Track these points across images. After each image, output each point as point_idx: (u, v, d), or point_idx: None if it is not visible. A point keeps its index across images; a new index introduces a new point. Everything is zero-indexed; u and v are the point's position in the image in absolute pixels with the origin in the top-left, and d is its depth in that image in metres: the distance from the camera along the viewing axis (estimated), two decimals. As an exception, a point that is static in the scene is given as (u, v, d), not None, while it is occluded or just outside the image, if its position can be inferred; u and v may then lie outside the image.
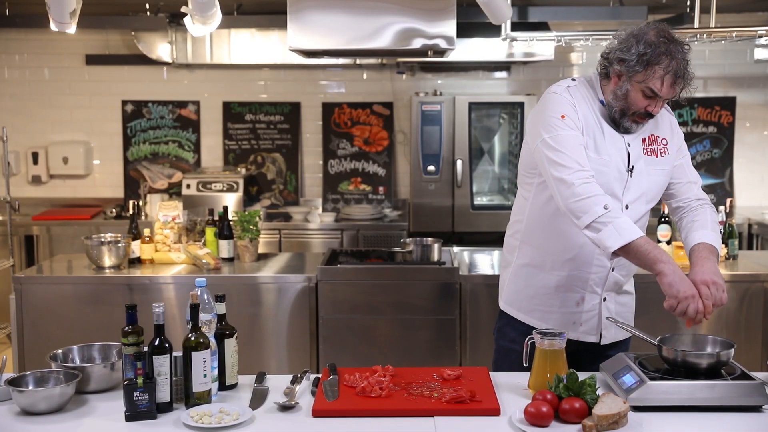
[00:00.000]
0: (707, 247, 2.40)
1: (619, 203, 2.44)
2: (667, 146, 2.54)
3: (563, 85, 2.50)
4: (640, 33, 2.37)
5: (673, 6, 5.53)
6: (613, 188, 2.43)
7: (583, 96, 2.48)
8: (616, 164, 2.44)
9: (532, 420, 1.97)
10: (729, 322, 3.79)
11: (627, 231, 2.24)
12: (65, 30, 3.31)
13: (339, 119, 6.29)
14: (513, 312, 2.61)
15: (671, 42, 2.34)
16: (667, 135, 2.56)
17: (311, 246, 5.63)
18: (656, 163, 2.51)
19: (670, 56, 2.32)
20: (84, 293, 3.82)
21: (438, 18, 3.76)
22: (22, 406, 2.09)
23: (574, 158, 2.34)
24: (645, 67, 2.34)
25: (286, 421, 2.06)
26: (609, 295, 2.54)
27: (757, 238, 5.63)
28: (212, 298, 2.26)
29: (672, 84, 2.35)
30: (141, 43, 5.93)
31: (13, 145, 6.12)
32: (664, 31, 2.37)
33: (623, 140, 2.47)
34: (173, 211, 4.08)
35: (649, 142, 2.52)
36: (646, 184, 2.50)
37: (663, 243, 4.05)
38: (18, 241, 5.72)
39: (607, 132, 2.46)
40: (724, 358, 2.15)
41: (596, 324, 2.54)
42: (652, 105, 2.39)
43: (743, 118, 6.24)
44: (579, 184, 2.30)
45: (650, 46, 2.33)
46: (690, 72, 2.36)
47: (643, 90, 2.37)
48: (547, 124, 2.40)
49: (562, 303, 2.53)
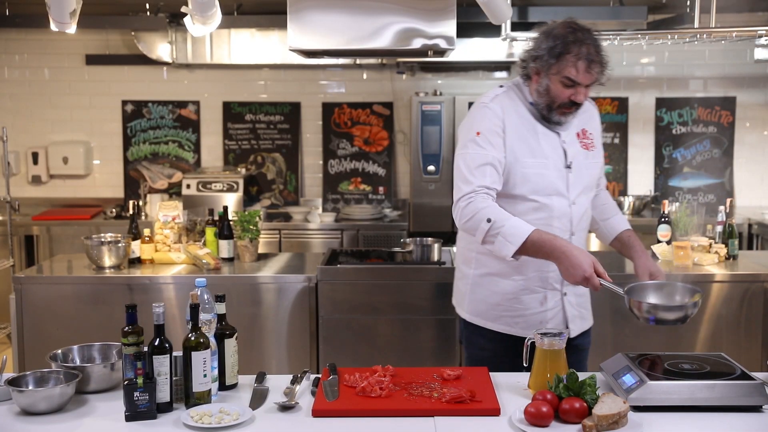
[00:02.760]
0: (632, 234, 2.74)
1: (566, 200, 2.54)
2: (594, 141, 2.67)
3: (490, 95, 2.59)
4: (548, 29, 2.50)
5: (673, 6, 5.53)
6: (557, 187, 2.53)
7: (511, 102, 2.57)
8: (554, 163, 2.53)
9: (532, 420, 1.97)
10: (729, 322, 3.79)
11: (514, 236, 2.33)
12: (65, 30, 3.31)
13: (339, 119, 6.29)
14: (480, 322, 2.64)
15: (579, 30, 2.46)
16: (594, 129, 2.70)
17: (311, 246, 5.63)
18: (591, 156, 2.64)
19: (580, 43, 2.43)
20: (84, 293, 3.82)
21: (438, 18, 3.76)
22: (22, 406, 2.09)
23: (471, 178, 2.44)
24: (557, 58, 2.44)
25: (286, 421, 2.06)
26: (568, 290, 2.61)
27: (757, 238, 5.63)
28: (212, 298, 2.26)
29: (586, 69, 2.44)
30: (141, 43, 5.93)
31: (13, 145, 6.13)
32: (570, 23, 2.49)
33: (558, 138, 2.57)
34: (173, 211, 4.08)
35: (582, 137, 2.64)
36: (586, 178, 2.61)
37: (663, 243, 4.05)
38: (18, 241, 5.72)
39: (541, 132, 2.55)
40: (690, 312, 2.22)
41: (562, 319, 2.61)
42: (574, 93, 2.48)
43: (743, 118, 6.24)
44: (465, 205, 2.41)
45: (558, 38, 2.45)
46: (604, 55, 2.46)
47: (561, 81, 2.46)
48: (463, 142, 2.53)
49: (527, 305, 2.58)
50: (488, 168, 2.46)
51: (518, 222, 2.36)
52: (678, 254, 3.83)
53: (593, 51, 2.43)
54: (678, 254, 3.83)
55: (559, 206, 2.53)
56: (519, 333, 2.58)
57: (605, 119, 6.23)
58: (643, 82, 6.25)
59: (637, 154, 6.28)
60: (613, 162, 6.25)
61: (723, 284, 3.77)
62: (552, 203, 2.52)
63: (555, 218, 2.52)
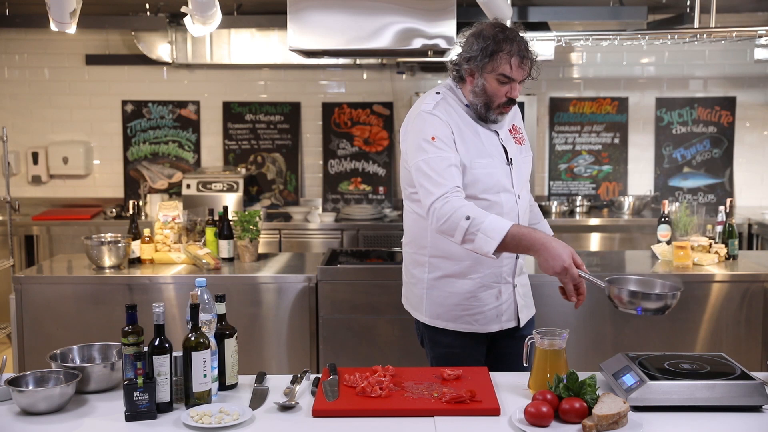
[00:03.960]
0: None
1: (512, 195, 2.61)
2: (523, 134, 2.76)
3: (431, 102, 2.60)
4: (476, 31, 2.55)
5: (673, 6, 5.53)
6: (504, 184, 2.60)
7: (451, 105, 2.61)
8: (498, 161, 2.60)
9: (532, 420, 1.97)
10: (729, 322, 3.79)
11: (495, 231, 2.33)
12: (65, 30, 3.32)
13: (339, 119, 6.29)
14: (441, 324, 2.66)
15: (507, 29, 2.53)
16: (520, 124, 2.78)
17: (311, 246, 5.63)
18: (523, 150, 2.73)
19: (510, 41, 2.49)
20: (84, 293, 3.82)
21: (438, 18, 3.76)
22: (22, 406, 2.09)
23: (440, 180, 2.44)
24: (491, 56, 2.50)
25: (286, 421, 2.06)
26: (518, 280, 2.69)
27: (757, 238, 5.63)
28: (212, 298, 2.26)
29: (519, 64, 2.51)
30: (141, 43, 5.93)
31: (13, 145, 6.13)
32: (496, 23, 2.56)
33: (497, 136, 2.64)
34: (173, 211, 4.08)
35: (514, 132, 2.71)
36: (524, 172, 2.71)
37: (663, 243, 4.05)
38: (18, 241, 5.72)
39: (482, 133, 2.61)
40: (670, 301, 2.22)
41: (513, 310, 2.67)
42: (510, 90, 2.54)
43: (743, 118, 6.24)
44: (440, 206, 2.40)
45: (489, 38, 2.50)
46: (533, 51, 2.54)
47: (497, 78, 2.52)
48: (419, 147, 2.52)
49: (485, 302, 2.63)
50: (453, 169, 2.47)
51: (496, 218, 2.36)
52: (678, 254, 3.83)
53: (524, 48, 2.51)
54: (678, 254, 3.83)
55: (507, 202, 2.59)
56: (479, 330, 2.64)
57: (605, 119, 6.24)
58: (643, 82, 6.25)
59: (637, 154, 6.28)
60: (613, 162, 6.25)
61: (723, 284, 3.77)
62: (501, 200, 2.58)
63: (505, 214, 2.56)
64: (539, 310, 2.90)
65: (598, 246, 5.63)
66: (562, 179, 6.29)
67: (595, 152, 6.26)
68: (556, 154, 6.28)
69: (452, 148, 2.51)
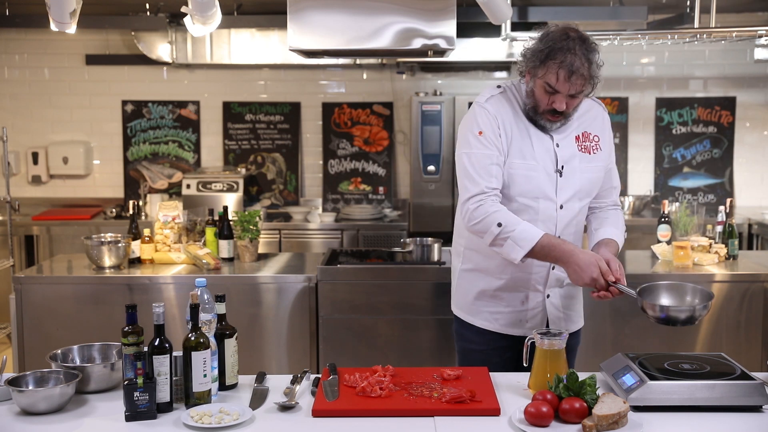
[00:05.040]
0: (612, 241, 2.58)
1: (553, 203, 2.52)
2: (599, 143, 2.62)
3: (486, 95, 2.58)
4: (547, 31, 2.46)
5: (673, 6, 5.53)
6: (545, 190, 2.52)
7: (506, 102, 2.55)
8: (544, 166, 2.51)
9: (532, 420, 1.97)
10: (729, 322, 3.79)
11: (525, 240, 2.36)
12: (65, 30, 3.31)
13: (339, 119, 6.29)
14: (462, 315, 2.68)
15: (572, 39, 2.40)
16: (599, 132, 2.63)
17: (311, 246, 5.63)
18: (590, 160, 2.59)
19: (566, 51, 2.38)
20: (84, 293, 3.82)
21: (438, 18, 3.76)
22: (22, 406, 2.09)
23: (478, 179, 2.45)
24: (542, 61, 2.41)
25: (286, 421, 2.06)
26: (552, 292, 2.61)
27: (757, 238, 5.63)
28: (212, 298, 2.26)
29: (567, 78, 2.39)
30: (141, 43, 5.93)
31: (13, 145, 6.13)
32: (569, 29, 2.44)
33: (551, 141, 2.54)
34: (173, 211, 4.08)
35: (582, 139, 2.58)
36: (579, 183, 2.56)
37: (663, 243, 4.05)
38: (18, 241, 5.72)
39: (534, 135, 2.53)
40: (698, 314, 2.25)
41: (541, 320, 2.62)
42: (554, 101, 2.44)
43: (743, 118, 6.24)
44: (474, 207, 2.42)
45: (550, 42, 2.41)
46: (594, 69, 2.41)
47: (543, 86, 2.44)
48: (466, 140, 2.52)
49: (507, 303, 2.61)
50: (494, 168, 2.47)
51: (528, 226, 2.39)
52: (678, 254, 3.83)
53: (579, 62, 2.38)
54: (678, 254, 3.83)
55: (545, 209, 2.52)
56: (499, 330, 2.62)
57: (605, 119, 6.22)
58: (643, 82, 6.25)
59: (637, 154, 6.28)
60: (613, 162, 6.24)
61: (723, 284, 3.77)
62: (538, 206, 2.52)
63: (539, 221, 2.51)
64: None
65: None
66: (562, 179, 6.28)
67: (595, 152, 6.25)
68: (556, 154, 6.27)
69: (498, 146, 2.48)
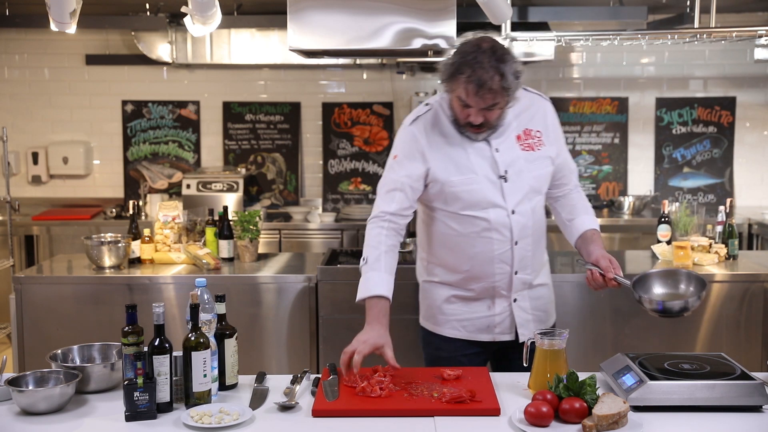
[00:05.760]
0: (594, 233, 2.62)
1: (503, 210, 2.48)
2: (543, 137, 2.55)
3: (412, 116, 2.55)
4: (462, 43, 2.39)
5: (673, 6, 5.53)
6: (491, 199, 2.47)
7: (437, 119, 2.50)
8: (485, 176, 2.47)
9: (532, 420, 1.97)
10: (729, 322, 3.79)
11: (361, 290, 2.40)
12: (65, 30, 3.31)
13: (339, 119, 6.29)
14: (429, 326, 2.67)
15: (482, 51, 2.30)
16: (541, 126, 2.57)
17: (311, 246, 5.63)
18: (535, 157, 2.53)
19: (474, 65, 2.29)
20: (84, 293, 3.81)
21: (438, 18, 3.76)
22: (22, 406, 2.09)
23: (380, 202, 2.50)
24: (452, 75, 2.35)
25: (286, 421, 2.06)
26: (519, 295, 2.58)
27: (757, 238, 5.63)
28: (212, 298, 2.26)
29: (476, 93, 2.31)
30: (141, 43, 5.93)
31: (13, 145, 6.13)
32: (483, 40, 2.36)
33: (490, 148, 2.48)
34: (173, 211, 4.08)
35: (524, 138, 2.53)
36: (527, 184, 2.51)
37: (663, 243, 4.05)
38: (18, 241, 5.72)
39: (470, 146, 2.48)
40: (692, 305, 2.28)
41: (509, 324, 2.59)
42: (469, 114, 2.38)
43: (743, 118, 6.24)
44: (368, 228, 2.48)
45: (459, 55, 2.34)
46: (508, 80, 2.30)
47: (456, 100, 2.39)
48: (387, 162, 2.56)
49: (473, 311, 2.59)
50: (397, 194, 2.46)
51: (374, 278, 2.39)
52: (678, 254, 3.83)
53: (487, 76, 2.28)
54: (678, 254, 3.83)
55: (496, 217, 2.48)
56: (467, 337, 2.60)
57: (605, 119, 6.24)
58: (643, 82, 6.25)
59: (637, 154, 6.28)
60: (613, 162, 6.25)
61: (723, 284, 3.76)
62: (488, 215, 2.47)
63: (494, 230, 2.48)
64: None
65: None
66: (562, 179, 6.28)
67: (595, 152, 6.26)
68: (556, 154, 6.27)
69: (411, 170, 2.46)
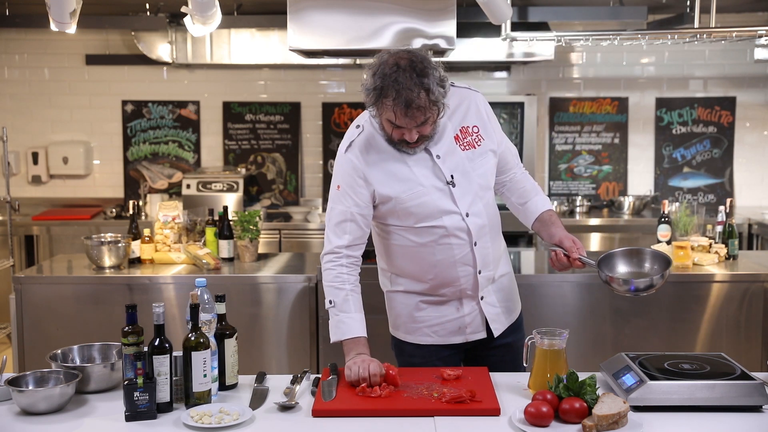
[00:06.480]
0: (553, 213, 2.59)
1: (458, 215, 2.44)
2: (481, 132, 2.49)
3: (346, 142, 2.48)
4: (377, 65, 2.29)
5: (673, 6, 5.53)
6: (442, 207, 2.43)
7: (372, 139, 2.44)
8: (432, 185, 2.42)
9: (532, 420, 1.97)
10: (729, 322, 3.79)
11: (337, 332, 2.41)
12: (65, 30, 3.32)
13: (339, 119, 6.29)
14: (401, 335, 2.66)
15: (402, 70, 2.23)
16: (477, 121, 2.50)
17: (311, 246, 5.63)
18: (478, 154, 2.48)
19: (397, 86, 2.22)
20: (84, 293, 3.82)
21: (438, 18, 3.76)
22: (22, 406, 2.09)
23: (332, 236, 2.47)
24: (378, 99, 2.27)
25: (286, 421, 2.06)
26: (485, 292, 2.55)
27: (757, 238, 5.63)
28: (212, 298, 2.26)
29: (404, 114, 2.25)
30: (141, 43, 5.93)
31: (13, 145, 6.13)
32: (400, 57, 2.27)
33: (431, 156, 2.43)
34: (173, 211, 4.08)
35: (462, 137, 2.47)
36: (475, 183, 2.46)
37: (663, 243, 4.05)
38: (18, 241, 5.72)
39: (410, 159, 2.42)
40: (656, 282, 2.31)
41: (480, 322, 2.56)
42: (404, 133, 2.33)
43: (743, 118, 6.24)
44: (325, 267, 2.47)
45: (380, 77, 2.25)
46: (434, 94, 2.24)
47: (386, 121, 2.33)
48: (331, 193, 2.50)
49: (442, 315, 2.56)
50: (348, 225, 2.44)
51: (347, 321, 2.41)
52: (678, 254, 3.83)
53: (413, 95, 2.21)
54: (678, 254, 3.83)
55: (452, 223, 2.44)
56: (440, 341, 2.58)
57: (605, 119, 6.24)
58: (643, 82, 6.25)
59: (637, 154, 6.28)
60: (613, 162, 6.25)
61: (723, 284, 3.77)
62: (444, 223, 2.44)
63: (452, 235, 2.44)
64: (540, 310, 2.89)
65: (598, 246, 5.63)
66: (562, 179, 6.29)
67: (595, 152, 6.26)
68: (556, 154, 6.27)
69: (356, 197, 2.42)
